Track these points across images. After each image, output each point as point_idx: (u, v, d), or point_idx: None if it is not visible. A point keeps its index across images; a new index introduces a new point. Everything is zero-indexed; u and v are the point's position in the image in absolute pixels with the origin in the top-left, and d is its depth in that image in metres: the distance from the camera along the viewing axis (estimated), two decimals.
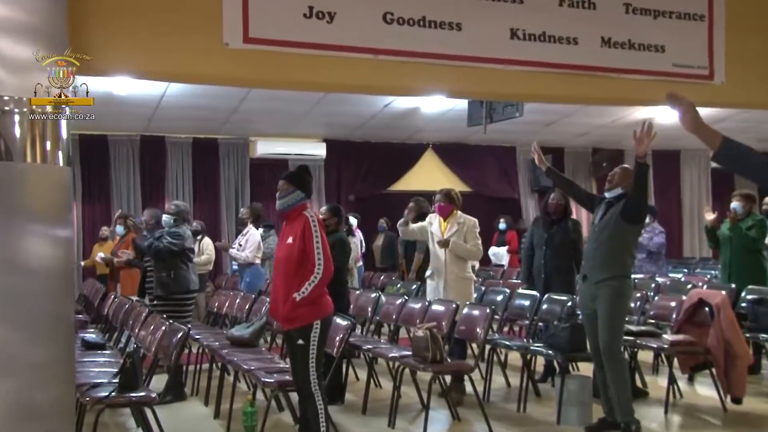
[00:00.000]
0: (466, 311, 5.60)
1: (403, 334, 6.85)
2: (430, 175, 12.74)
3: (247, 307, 6.77)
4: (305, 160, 11.37)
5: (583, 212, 13.12)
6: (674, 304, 6.07)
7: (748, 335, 5.91)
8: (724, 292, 5.88)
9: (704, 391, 6.10)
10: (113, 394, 3.99)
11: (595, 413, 5.09)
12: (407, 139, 12.60)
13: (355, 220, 9.92)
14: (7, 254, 3.14)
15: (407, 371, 5.51)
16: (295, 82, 4.28)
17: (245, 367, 5.00)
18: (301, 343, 4.16)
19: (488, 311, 5.38)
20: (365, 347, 5.88)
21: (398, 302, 6.46)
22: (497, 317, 6.36)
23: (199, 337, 6.34)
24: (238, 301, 7.15)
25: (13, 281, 3.14)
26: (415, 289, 7.69)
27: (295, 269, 4.18)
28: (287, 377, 4.49)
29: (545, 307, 6.14)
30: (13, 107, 3.14)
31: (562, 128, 11.84)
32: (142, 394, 4.08)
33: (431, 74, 4.22)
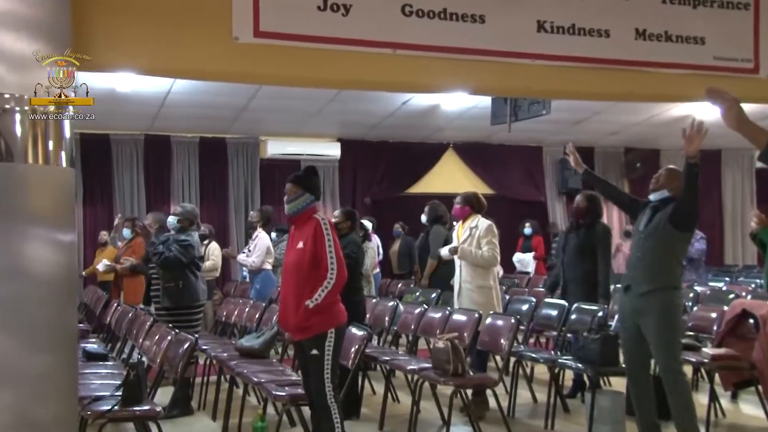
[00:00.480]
0: (489, 321, 5.60)
1: (422, 345, 6.85)
2: (450, 176, 12.70)
3: (257, 316, 6.80)
4: (318, 160, 11.44)
5: (613, 217, 13.11)
6: (715, 315, 6.02)
7: None
8: None
9: (749, 409, 6.05)
10: (116, 407, 4.02)
11: None
12: (426, 138, 12.59)
13: (370, 224, 9.94)
14: (7, 260, 3.14)
15: (427, 385, 5.49)
16: (308, 78, 4.27)
17: (255, 379, 5.01)
18: (315, 353, 4.16)
19: (513, 321, 5.38)
20: (382, 359, 5.90)
21: (417, 311, 6.47)
22: (522, 328, 6.34)
23: (206, 347, 6.36)
24: (247, 309, 7.16)
25: (13, 288, 3.15)
26: (434, 297, 7.68)
27: (306, 275, 4.19)
28: (300, 390, 4.50)
29: (574, 317, 6.10)
30: (13, 105, 3.13)
31: (591, 126, 11.78)
32: (146, 407, 4.11)
33: (452, 70, 4.20)
